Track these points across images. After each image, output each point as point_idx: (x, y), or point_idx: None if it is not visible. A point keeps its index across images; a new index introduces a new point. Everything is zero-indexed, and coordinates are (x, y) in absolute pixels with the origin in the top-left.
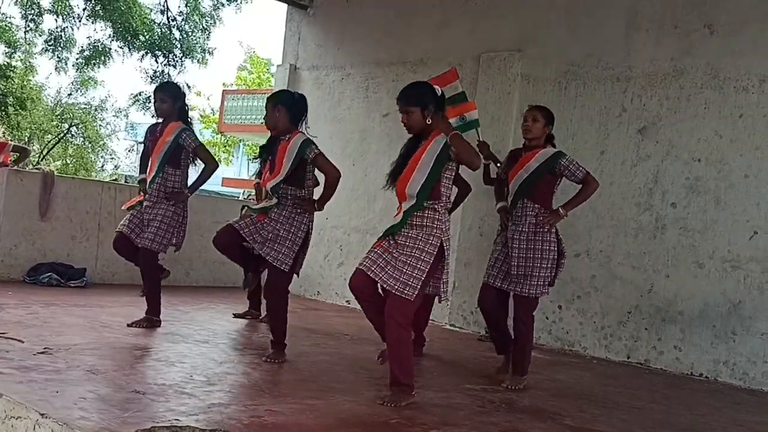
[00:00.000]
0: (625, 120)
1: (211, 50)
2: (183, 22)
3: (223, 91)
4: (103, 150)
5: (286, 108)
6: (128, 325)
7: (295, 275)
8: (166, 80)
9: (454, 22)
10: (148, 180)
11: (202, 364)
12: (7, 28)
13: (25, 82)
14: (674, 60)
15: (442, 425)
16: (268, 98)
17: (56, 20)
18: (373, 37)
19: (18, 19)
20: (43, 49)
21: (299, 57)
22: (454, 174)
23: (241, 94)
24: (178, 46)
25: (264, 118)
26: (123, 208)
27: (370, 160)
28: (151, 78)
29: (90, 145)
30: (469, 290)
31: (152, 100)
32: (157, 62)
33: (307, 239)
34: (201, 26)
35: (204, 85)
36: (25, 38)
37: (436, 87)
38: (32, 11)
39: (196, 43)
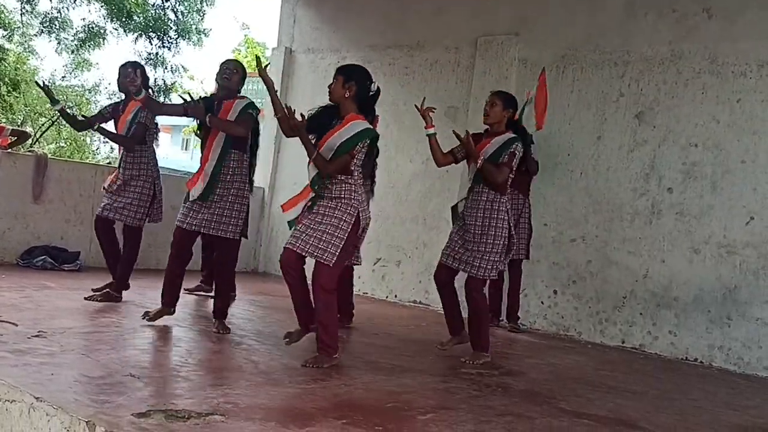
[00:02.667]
0: (623, 105)
1: (206, 31)
2: (177, 3)
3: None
4: (96, 133)
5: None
6: (85, 299)
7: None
8: (128, 59)
9: (450, 6)
10: (118, 158)
11: (197, 348)
12: (1, 10)
13: (18, 65)
14: (672, 44)
15: (438, 409)
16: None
17: (51, 1)
18: (369, 20)
19: (13, 1)
20: (39, 30)
21: (295, 40)
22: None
23: None
24: (173, 27)
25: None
26: (102, 188)
27: None
28: (145, 60)
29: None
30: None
31: (117, 77)
32: (151, 44)
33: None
34: (196, 7)
35: (198, 69)
36: (21, 21)
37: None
38: None
39: (192, 25)
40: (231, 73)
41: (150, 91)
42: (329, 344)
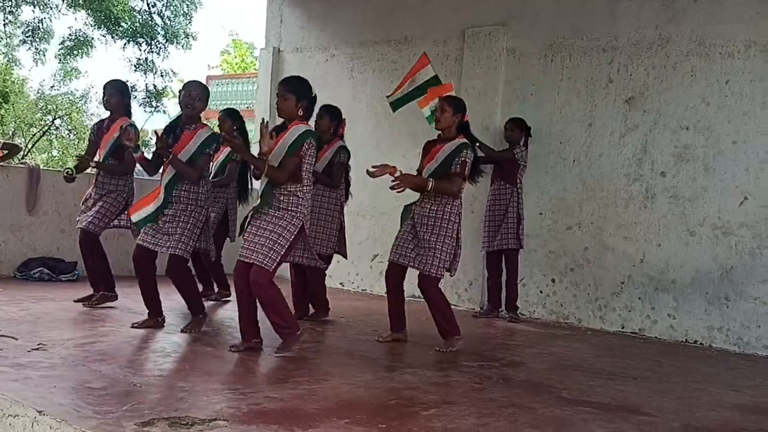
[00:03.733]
0: (612, 91)
1: (193, 35)
2: (164, 8)
3: (207, 77)
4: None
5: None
6: (75, 300)
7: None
8: (114, 79)
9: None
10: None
11: (198, 354)
12: None
13: (6, 76)
14: (659, 28)
15: (440, 404)
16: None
17: (33, 11)
18: (356, 16)
19: None
20: (21, 41)
21: (282, 40)
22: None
23: (225, 79)
24: (161, 32)
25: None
26: (81, 203)
27: (358, 141)
28: (135, 66)
29: (76, 137)
30: (462, 268)
31: (102, 95)
32: (140, 49)
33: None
34: (182, 11)
35: (186, 71)
36: (5, 31)
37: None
38: (10, 2)
39: (179, 28)
40: (193, 101)
41: (130, 112)
42: (286, 325)
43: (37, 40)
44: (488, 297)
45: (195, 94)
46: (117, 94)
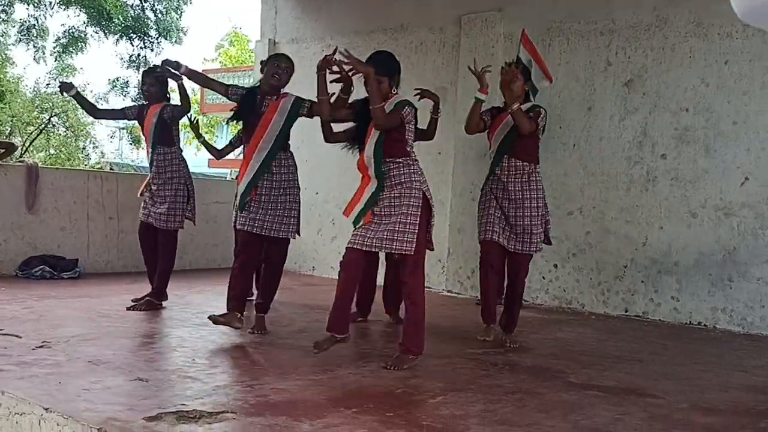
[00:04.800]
0: (611, 74)
1: (184, 30)
2: (156, 2)
3: (203, 71)
4: (86, 138)
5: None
6: (128, 309)
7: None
8: (151, 65)
9: None
10: (148, 163)
11: (203, 347)
12: None
13: (2, 75)
14: (657, 10)
15: (447, 391)
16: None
17: (27, 9)
18: (351, 5)
19: None
20: (17, 39)
21: (277, 31)
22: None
23: (222, 72)
24: (154, 27)
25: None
26: (138, 195)
27: None
28: (128, 63)
29: (73, 134)
30: (464, 255)
31: (141, 84)
32: (132, 45)
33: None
34: (173, 5)
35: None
36: None
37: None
38: (3, 1)
39: (170, 23)
40: (282, 72)
41: (168, 98)
42: (417, 344)
43: (35, 38)
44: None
45: (284, 66)
46: (156, 83)
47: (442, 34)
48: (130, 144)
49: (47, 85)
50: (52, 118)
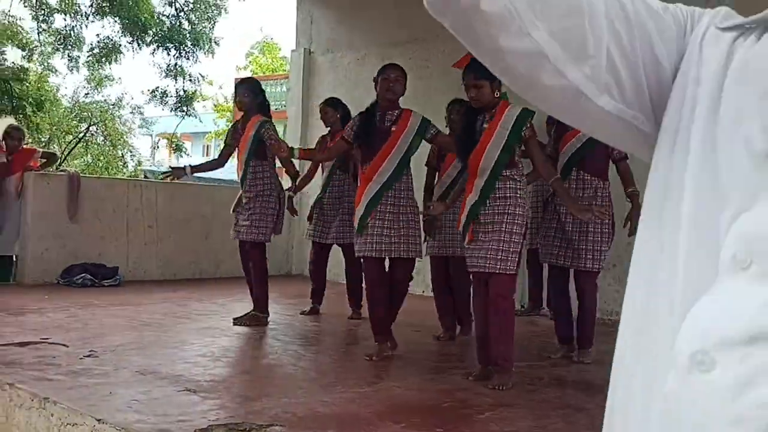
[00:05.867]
0: None
1: (217, 40)
2: (191, 12)
3: (236, 79)
4: (123, 147)
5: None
6: (234, 323)
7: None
8: (247, 76)
9: None
10: (239, 178)
11: (248, 357)
12: (18, 30)
13: (41, 84)
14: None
15: (495, 406)
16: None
17: (65, 19)
18: (386, 16)
19: (29, 20)
20: (53, 48)
21: (313, 41)
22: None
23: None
24: (189, 37)
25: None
26: (231, 212)
27: None
28: (165, 72)
29: (111, 143)
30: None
31: (234, 96)
32: (169, 54)
33: None
34: (207, 16)
35: (215, 74)
36: (39, 40)
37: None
38: (42, 11)
39: (204, 33)
40: (395, 85)
41: (267, 104)
42: (509, 354)
43: (69, 47)
44: (529, 295)
45: (394, 77)
46: (250, 94)
47: None
48: (173, 152)
49: (86, 94)
50: (90, 127)
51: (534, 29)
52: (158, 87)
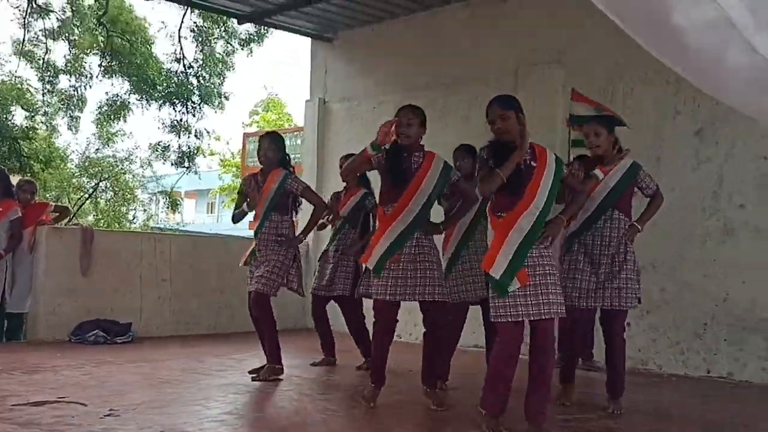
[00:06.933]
0: (680, 123)
1: (227, 95)
2: (200, 69)
3: (244, 134)
4: (134, 202)
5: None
6: (252, 377)
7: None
8: (270, 130)
9: (485, 39)
10: (254, 229)
11: (275, 415)
12: (24, 91)
13: (50, 142)
14: None
15: None
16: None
17: (69, 80)
18: (402, 62)
19: (35, 80)
20: (57, 108)
21: (328, 90)
22: None
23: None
24: (196, 93)
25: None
26: (240, 265)
27: None
28: (169, 128)
29: (121, 198)
30: None
31: (257, 149)
32: (175, 110)
33: None
34: (216, 71)
35: (222, 129)
36: (43, 100)
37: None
38: (48, 73)
39: (213, 89)
40: (408, 128)
41: (288, 159)
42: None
43: (72, 108)
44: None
45: (406, 121)
46: (275, 147)
47: (497, 87)
48: (167, 209)
49: (96, 150)
50: (99, 183)
51: None
52: (160, 142)
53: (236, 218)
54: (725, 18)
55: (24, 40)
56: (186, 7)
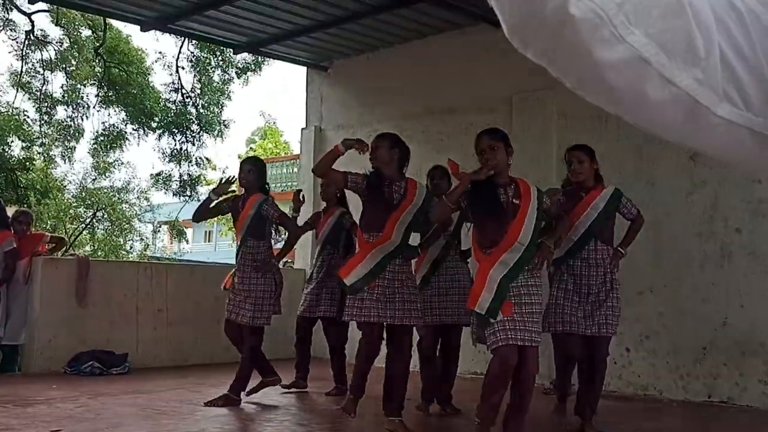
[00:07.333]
0: (674, 147)
1: (226, 123)
2: (198, 98)
3: (239, 155)
4: (131, 232)
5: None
6: (205, 404)
7: None
8: (252, 156)
9: (480, 67)
10: (235, 255)
11: None
12: (22, 122)
13: (47, 173)
14: None
15: None
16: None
17: (66, 110)
18: (398, 90)
19: (32, 112)
20: (54, 139)
21: (323, 118)
22: None
23: (267, 162)
24: (195, 122)
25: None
26: (222, 288)
27: None
28: (169, 157)
29: (118, 228)
30: None
31: (239, 172)
32: (174, 140)
33: None
34: (214, 100)
35: (217, 158)
36: (41, 131)
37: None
38: (45, 104)
39: (213, 117)
40: (375, 150)
41: (268, 186)
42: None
43: (68, 138)
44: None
45: (374, 145)
46: (256, 171)
47: (492, 115)
48: (173, 238)
49: (93, 180)
50: (96, 214)
51: (628, 33)
52: (162, 171)
53: (198, 212)
54: (638, 56)
55: (22, 71)
56: (183, 38)
